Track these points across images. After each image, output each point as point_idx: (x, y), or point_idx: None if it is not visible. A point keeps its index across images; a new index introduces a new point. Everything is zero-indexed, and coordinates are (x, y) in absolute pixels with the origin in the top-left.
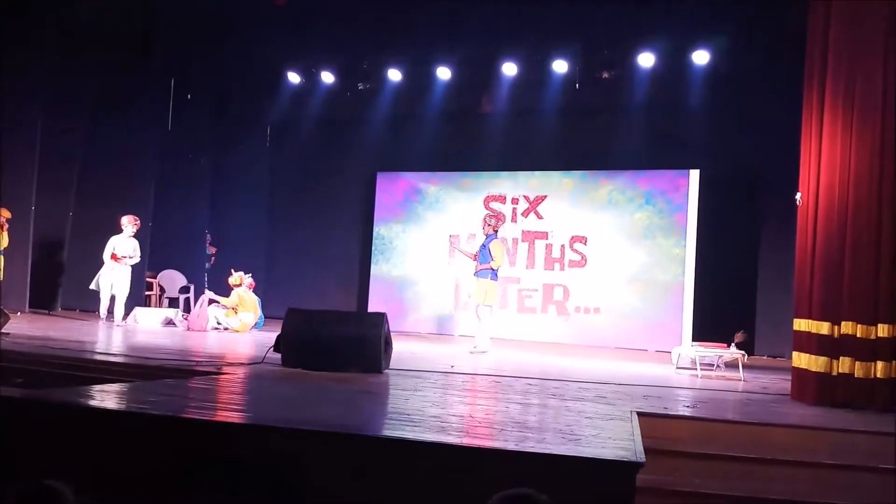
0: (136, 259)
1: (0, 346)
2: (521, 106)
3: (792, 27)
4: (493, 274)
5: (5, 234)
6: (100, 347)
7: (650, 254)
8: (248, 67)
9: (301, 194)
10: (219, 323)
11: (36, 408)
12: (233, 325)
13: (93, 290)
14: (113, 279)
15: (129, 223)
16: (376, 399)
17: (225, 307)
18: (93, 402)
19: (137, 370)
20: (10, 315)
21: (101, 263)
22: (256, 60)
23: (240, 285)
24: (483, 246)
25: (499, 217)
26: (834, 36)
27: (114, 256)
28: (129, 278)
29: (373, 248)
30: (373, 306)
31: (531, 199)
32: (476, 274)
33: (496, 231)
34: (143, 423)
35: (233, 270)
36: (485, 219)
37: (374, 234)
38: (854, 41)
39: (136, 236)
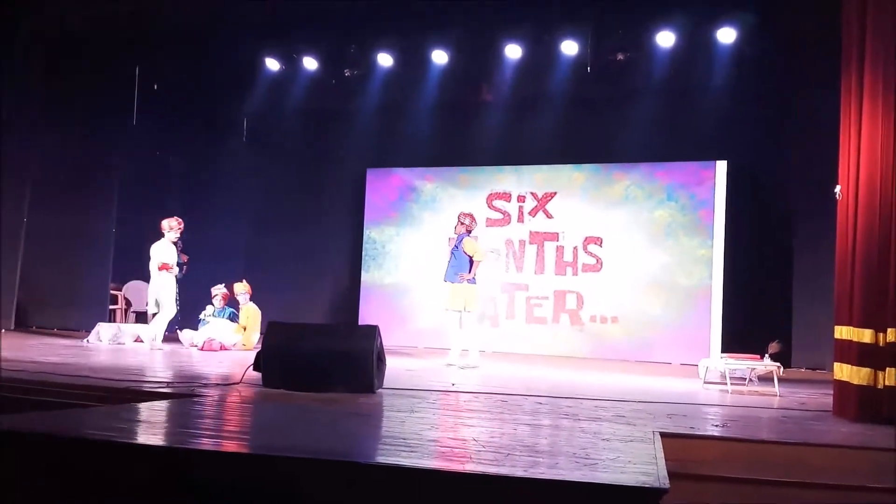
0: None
1: None
2: (527, 93)
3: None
4: (472, 278)
5: None
6: (60, 369)
7: (672, 255)
8: (222, 53)
9: (283, 195)
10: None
11: None
12: (240, 343)
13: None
14: (157, 292)
15: (170, 227)
16: (368, 422)
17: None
18: (52, 429)
19: (101, 392)
20: None
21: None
22: (230, 45)
23: (249, 294)
24: (455, 247)
25: (473, 217)
26: (872, 15)
27: (164, 266)
28: (175, 290)
29: (363, 253)
30: (364, 318)
31: (539, 196)
32: (448, 279)
33: (469, 231)
34: (106, 451)
35: (244, 280)
36: (458, 217)
37: (365, 237)
38: (894, 21)
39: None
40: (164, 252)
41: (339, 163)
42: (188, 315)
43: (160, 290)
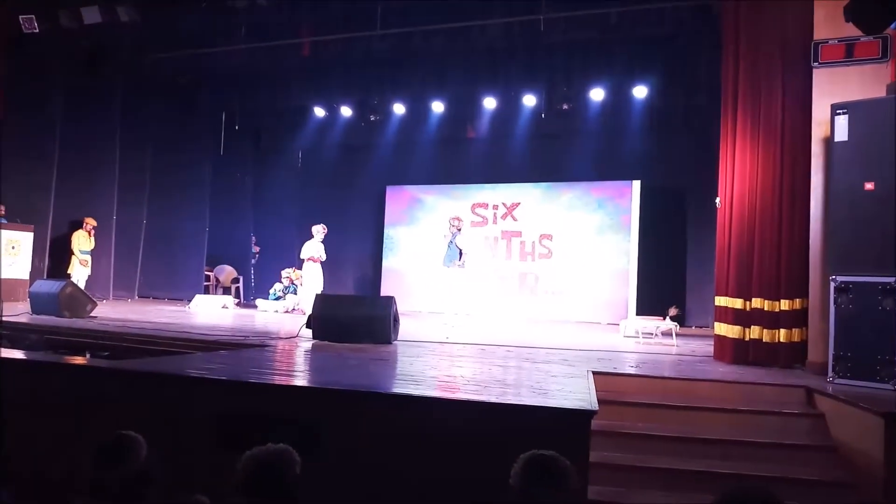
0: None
1: (87, 326)
2: (499, 132)
3: (710, 69)
4: (462, 264)
5: (92, 237)
6: (168, 327)
7: (602, 247)
8: (283, 103)
9: (325, 205)
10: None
11: (118, 375)
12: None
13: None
14: (306, 277)
15: (317, 231)
16: (387, 364)
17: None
18: (161, 369)
19: (198, 344)
20: (97, 301)
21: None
22: (289, 98)
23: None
24: (451, 242)
25: (460, 219)
26: (743, 74)
27: (311, 258)
28: (321, 276)
29: (384, 246)
30: (384, 291)
31: (508, 205)
32: (445, 264)
33: (459, 230)
34: (201, 385)
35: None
36: (449, 220)
37: (385, 235)
38: (757, 78)
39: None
40: (312, 248)
41: (365, 182)
42: (262, 289)
43: (308, 275)
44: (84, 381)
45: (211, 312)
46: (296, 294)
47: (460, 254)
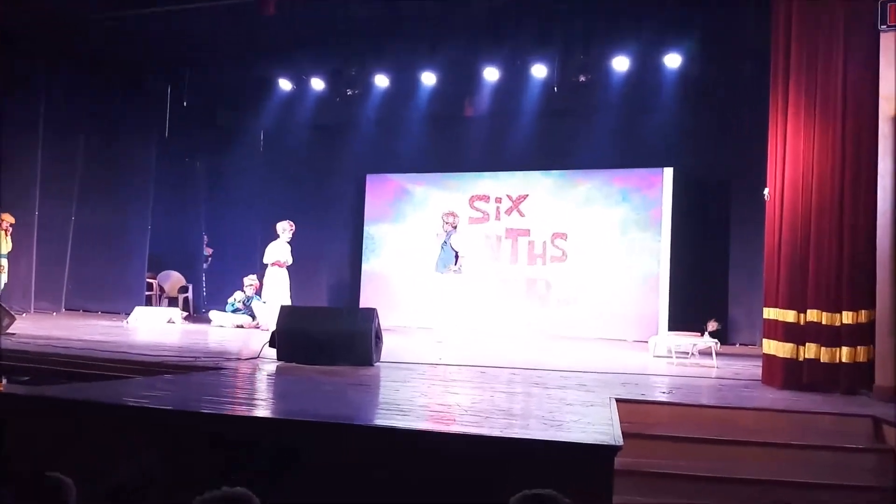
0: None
1: (3, 345)
2: (502, 109)
3: (757, 33)
4: (458, 269)
5: (9, 238)
6: (102, 346)
7: (627, 248)
8: (241, 74)
9: (294, 197)
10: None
11: (40, 404)
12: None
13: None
14: (270, 285)
15: (283, 229)
16: (367, 390)
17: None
18: (93, 397)
19: (139, 367)
20: (16, 315)
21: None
22: (249, 69)
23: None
24: (445, 242)
25: (455, 215)
26: (796, 40)
27: (276, 262)
28: (288, 284)
29: (363, 246)
30: (364, 302)
31: (513, 197)
32: (438, 270)
33: (454, 227)
34: (142, 416)
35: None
36: (443, 217)
37: (365, 233)
38: (814, 45)
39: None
40: (277, 251)
41: (341, 169)
42: (216, 299)
43: (272, 283)
44: None
45: (154, 328)
46: (258, 306)
47: (456, 257)
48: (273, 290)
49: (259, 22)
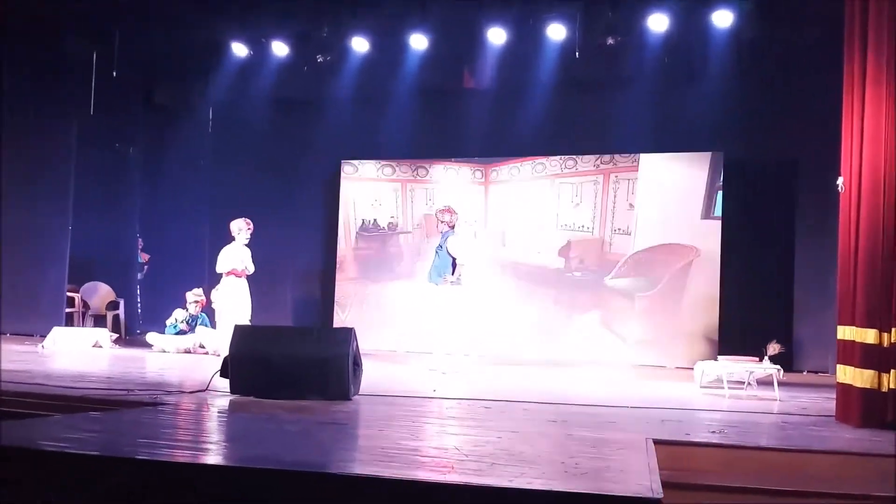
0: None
1: None
2: (511, 80)
3: None
4: (457, 279)
5: None
6: (13, 376)
7: (665, 252)
8: (184, 37)
9: (251, 189)
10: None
11: None
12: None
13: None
14: (222, 299)
15: (239, 229)
16: (344, 431)
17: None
18: (3, 441)
19: (57, 402)
20: None
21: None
22: (194, 30)
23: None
24: (440, 246)
25: (452, 211)
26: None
27: (232, 272)
28: (247, 297)
29: (338, 251)
30: (339, 321)
31: (525, 190)
32: (431, 281)
33: (452, 227)
34: (61, 463)
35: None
36: (436, 215)
37: (340, 235)
38: None
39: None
40: (233, 256)
41: (312, 155)
42: (154, 318)
43: (226, 296)
44: None
45: (77, 354)
46: (203, 330)
47: (453, 264)
48: (228, 307)
49: None
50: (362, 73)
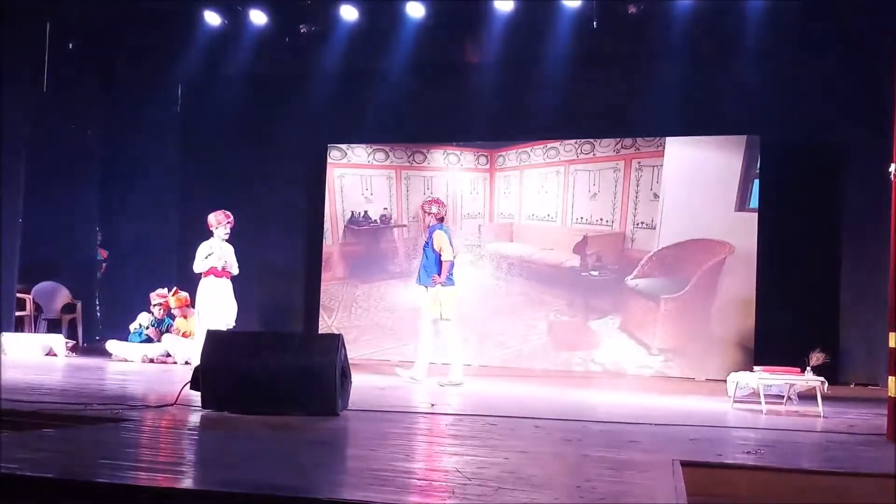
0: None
1: None
2: (519, 54)
3: None
4: (449, 279)
5: None
6: None
7: (696, 249)
8: (149, 5)
9: (225, 176)
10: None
11: None
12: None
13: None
14: (201, 301)
15: (217, 222)
16: (331, 450)
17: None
18: None
19: (7, 417)
20: None
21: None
22: None
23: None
24: (427, 243)
25: (440, 203)
26: None
27: (215, 271)
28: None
29: (324, 247)
30: (324, 326)
31: (534, 178)
32: (420, 282)
33: (441, 220)
34: (10, 487)
35: (176, 289)
36: (422, 207)
37: (326, 230)
38: None
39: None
40: (210, 253)
41: (294, 139)
42: (115, 323)
43: (208, 301)
44: None
45: (28, 363)
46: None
47: (439, 262)
48: (209, 310)
49: None
50: (352, 46)
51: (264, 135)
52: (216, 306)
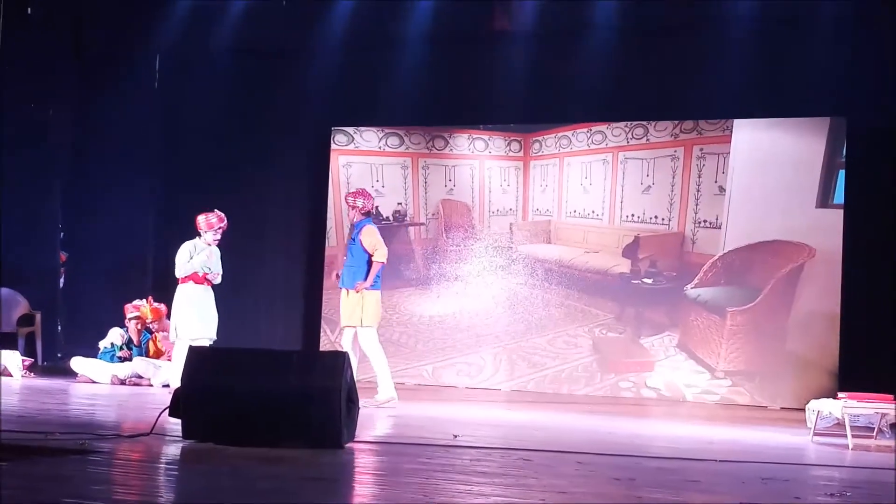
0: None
1: None
2: (558, 23)
3: None
4: (375, 282)
5: None
6: None
7: (767, 252)
8: None
9: (209, 164)
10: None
11: None
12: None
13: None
14: (178, 312)
15: (209, 225)
16: (334, 489)
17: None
18: None
19: None
20: None
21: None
22: None
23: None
24: (353, 240)
25: (367, 195)
26: None
27: (196, 276)
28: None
29: (326, 248)
30: (326, 343)
31: (576, 168)
32: (343, 285)
33: (369, 214)
34: None
35: (151, 299)
36: (346, 199)
37: (329, 226)
38: None
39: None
40: (191, 256)
41: (291, 120)
42: (79, 338)
43: (185, 311)
44: None
45: None
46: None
47: (369, 263)
48: (186, 321)
49: None
50: (359, 13)
51: (257, 116)
52: (196, 317)
